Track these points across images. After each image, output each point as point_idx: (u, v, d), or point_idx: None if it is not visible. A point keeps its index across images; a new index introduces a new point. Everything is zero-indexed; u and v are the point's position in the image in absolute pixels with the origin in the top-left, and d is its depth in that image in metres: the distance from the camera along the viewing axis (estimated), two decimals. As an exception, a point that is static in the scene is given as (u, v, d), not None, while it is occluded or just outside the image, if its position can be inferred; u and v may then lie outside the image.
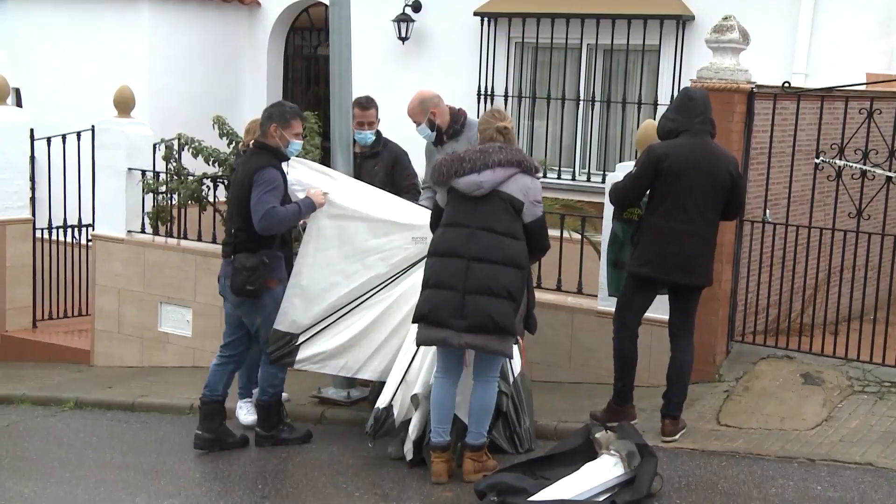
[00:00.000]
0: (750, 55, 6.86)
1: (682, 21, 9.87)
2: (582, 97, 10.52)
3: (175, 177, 8.70)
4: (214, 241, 8.26)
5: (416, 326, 5.45)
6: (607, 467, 5.17)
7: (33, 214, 9.90)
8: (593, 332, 6.98)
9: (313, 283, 6.14)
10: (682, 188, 5.67)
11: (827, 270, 7.02)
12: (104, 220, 9.06)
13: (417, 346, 5.64)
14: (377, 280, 6.13)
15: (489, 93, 10.82)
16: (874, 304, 6.96)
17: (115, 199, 8.91)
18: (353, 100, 6.82)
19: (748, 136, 6.74)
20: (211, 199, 8.53)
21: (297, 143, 6.08)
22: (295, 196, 6.06)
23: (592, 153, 10.53)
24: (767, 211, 6.90)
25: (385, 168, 6.88)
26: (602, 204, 6.53)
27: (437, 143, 6.62)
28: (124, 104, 8.95)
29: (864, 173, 6.65)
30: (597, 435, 5.36)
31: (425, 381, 5.66)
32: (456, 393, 5.49)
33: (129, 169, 8.79)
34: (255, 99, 11.88)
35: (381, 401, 5.79)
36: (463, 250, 5.25)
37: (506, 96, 10.76)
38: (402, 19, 11.14)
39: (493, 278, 5.21)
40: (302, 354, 6.15)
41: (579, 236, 7.33)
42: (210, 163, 8.48)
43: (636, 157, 6.26)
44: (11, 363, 9.43)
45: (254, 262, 5.88)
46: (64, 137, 9.70)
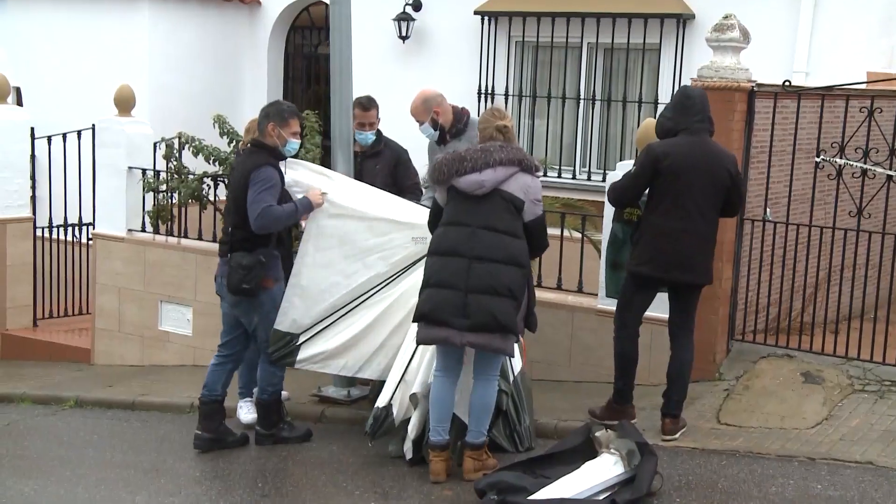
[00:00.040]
0: (750, 54, 6.86)
1: (683, 20, 9.86)
2: (582, 96, 10.50)
3: (175, 175, 8.69)
4: (215, 240, 8.24)
5: (416, 325, 5.46)
6: (607, 466, 5.17)
7: (34, 213, 9.90)
8: (594, 330, 6.98)
9: (313, 282, 6.13)
10: (681, 187, 5.67)
11: (827, 269, 7.02)
12: (104, 218, 9.06)
13: (417, 345, 5.65)
14: (377, 279, 6.12)
15: (489, 92, 10.81)
16: (874, 303, 6.96)
17: (115, 197, 8.91)
18: (354, 100, 6.80)
19: (749, 135, 6.73)
20: (211, 197, 8.53)
21: (294, 142, 6.07)
22: (294, 197, 6.06)
23: (593, 152, 10.52)
24: (768, 210, 6.90)
25: (387, 167, 6.87)
26: (602, 203, 6.53)
27: (441, 142, 6.60)
28: (125, 103, 8.95)
29: (864, 172, 6.65)
30: (597, 434, 5.37)
31: (423, 380, 5.66)
32: (455, 392, 5.50)
33: (130, 168, 8.80)
34: (255, 98, 11.86)
35: (381, 400, 5.78)
36: (465, 249, 5.25)
37: (506, 95, 10.75)
38: (403, 18, 11.13)
39: (495, 277, 5.20)
40: (303, 354, 6.15)
41: (580, 235, 7.33)
42: (210, 161, 8.47)
43: (636, 156, 6.26)
44: (12, 362, 9.44)
45: (250, 260, 5.86)
46: (64, 136, 9.70)
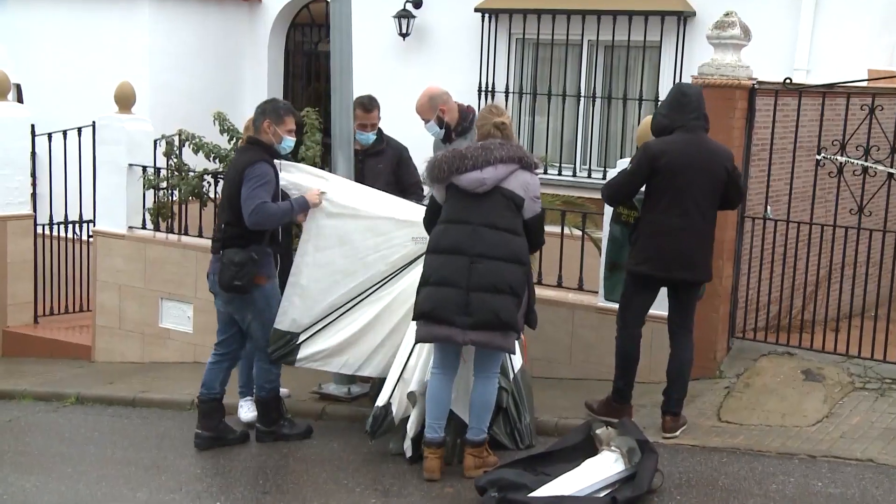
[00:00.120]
0: (751, 51, 6.85)
1: (684, 17, 9.85)
2: (583, 94, 10.51)
3: (176, 173, 8.68)
4: (215, 237, 8.26)
5: (414, 324, 5.45)
6: (608, 463, 5.17)
7: (34, 210, 9.90)
8: (594, 328, 6.98)
9: (313, 282, 6.13)
10: (679, 185, 5.66)
11: (828, 267, 7.02)
12: (105, 215, 9.05)
13: (415, 344, 5.64)
14: (377, 278, 6.11)
15: (490, 89, 10.81)
16: (875, 301, 6.95)
17: (115, 194, 8.91)
18: (356, 100, 6.76)
19: (749, 133, 6.73)
20: (211, 195, 8.52)
21: (289, 140, 6.06)
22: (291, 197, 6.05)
23: (593, 150, 10.52)
24: (769, 207, 6.90)
25: (390, 166, 6.86)
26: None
27: (446, 140, 6.57)
28: (125, 100, 8.94)
29: (865, 170, 6.65)
30: (597, 431, 5.37)
31: (421, 377, 5.66)
32: (452, 389, 5.49)
33: (130, 165, 8.79)
34: (255, 95, 11.80)
35: (380, 399, 5.78)
36: (467, 247, 5.24)
37: (506, 92, 10.75)
38: (403, 15, 11.12)
39: (496, 275, 5.20)
40: (303, 353, 6.15)
41: (580, 233, 7.32)
42: (211, 159, 8.46)
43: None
44: (13, 359, 9.44)
45: (242, 257, 5.83)
46: (65, 133, 9.70)
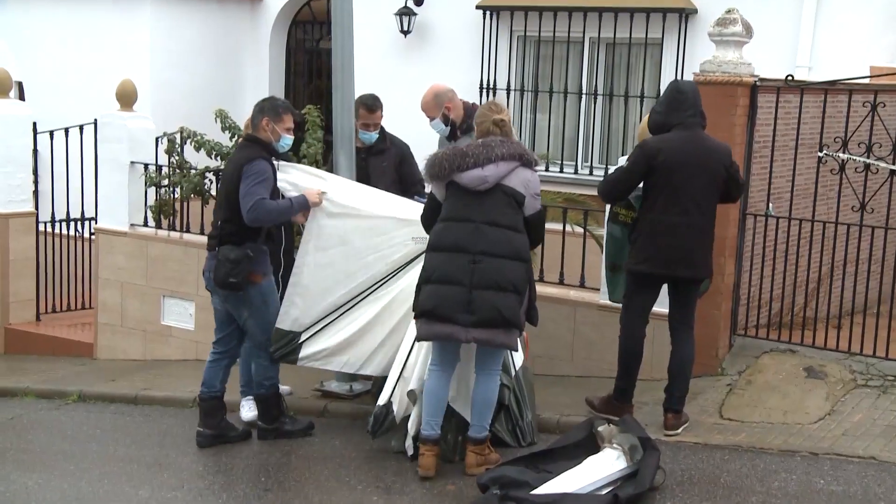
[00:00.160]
0: (753, 48, 6.84)
1: (685, 14, 9.84)
2: (584, 91, 10.50)
3: (177, 170, 8.69)
4: (217, 235, 8.26)
5: (414, 322, 5.44)
6: (610, 461, 5.17)
7: (36, 208, 9.90)
8: (596, 325, 6.98)
9: (315, 282, 6.13)
10: (677, 182, 5.66)
11: (830, 264, 7.01)
12: (107, 213, 9.06)
13: (414, 342, 5.63)
14: (377, 277, 6.11)
15: (491, 86, 10.80)
16: (877, 298, 6.94)
17: (117, 192, 8.91)
18: (360, 99, 6.75)
19: (751, 130, 6.72)
20: (213, 192, 8.52)
21: (288, 138, 6.05)
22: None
23: (595, 147, 10.51)
24: (770, 205, 6.89)
25: (393, 164, 6.84)
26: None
27: (451, 137, 6.56)
28: (126, 98, 8.95)
29: (867, 167, 6.64)
30: (599, 428, 5.37)
31: (420, 375, 5.65)
32: (450, 386, 5.49)
33: (132, 162, 8.80)
34: (257, 93, 11.79)
35: (381, 399, 5.79)
36: (469, 245, 5.24)
37: (508, 90, 10.74)
38: (404, 13, 11.11)
39: (499, 273, 5.20)
40: (305, 352, 6.15)
41: (582, 230, 7.32)
42: (212, 156, 8.46)
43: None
44: (15, 356, 9.45)
45: (237, 254, 5.82)
46: (66, 131, 9.71)
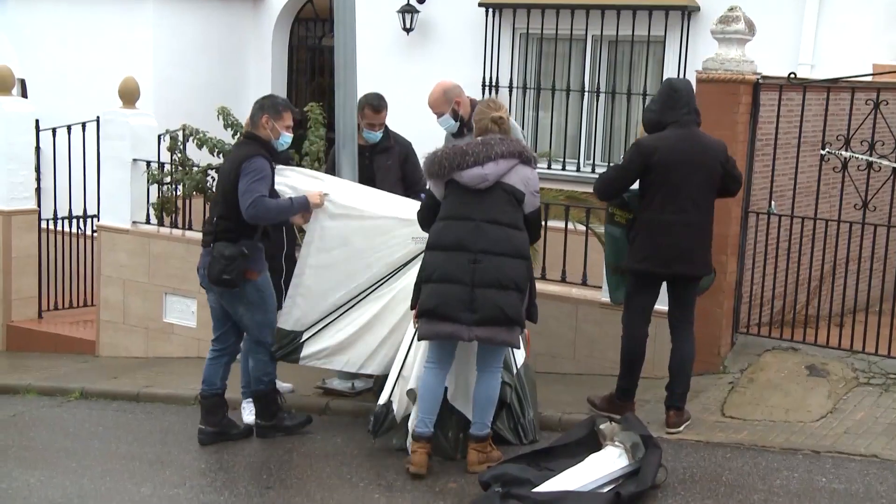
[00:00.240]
0: (755, 46, 6.84)
1: (688, 12, 9.83)
2: (587, 88, 10.48)
3: (180, 168, 8.70)
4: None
5: (414, 321, 5.44)
6: (612, 458, 5.16)
7: (39, 205, 9.92)
8: (597, 323, 6.98)
9: (317, 283, 6.14)
10: (673, 180, 5.66)
11: (832, 262, 7.00)
12: (109, 210, 9.07)
13: (414, 341, 5.63)
14: (378, 277, 6.12)
15: (494, 84, 10.79)
16: (880, 296, 6.95)
17: (120, 189, 8.92)
18: (364, 99, 6.73)
19: (753, 128, 6.72)
20: (215, 189, 8.53)
21: (287, 136, 6.05)
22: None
23: (597, 144, 10.51)
24: (773, 202, 6.89)
25: (398, 163, 6.84)
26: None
27: (458, 134, 6.56)
28: (129, 95, 8.95)
29: (870, 165, 6.64)
30: (601, 426, 5.36)
31: (418, 374, 5.65)
32: (445, 383, 5.49)
33: (134, 160, 8.80)
34: (259, 90, 11.77)
35: (381, 398, 5.79)
36: (469, 243, 5.23)
37: (510, 87, 10.74)
38: (407, 10, 11.10)
39: (501, 271, 5.20)
40: (306, 351, 6.17)
41: (584, 228, 7.32)
42: (214, 154, 8.48)
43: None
44: (17, 353, 9.47)
45: (232, 251, 5.81)
46: (69, 128, 9.71)
